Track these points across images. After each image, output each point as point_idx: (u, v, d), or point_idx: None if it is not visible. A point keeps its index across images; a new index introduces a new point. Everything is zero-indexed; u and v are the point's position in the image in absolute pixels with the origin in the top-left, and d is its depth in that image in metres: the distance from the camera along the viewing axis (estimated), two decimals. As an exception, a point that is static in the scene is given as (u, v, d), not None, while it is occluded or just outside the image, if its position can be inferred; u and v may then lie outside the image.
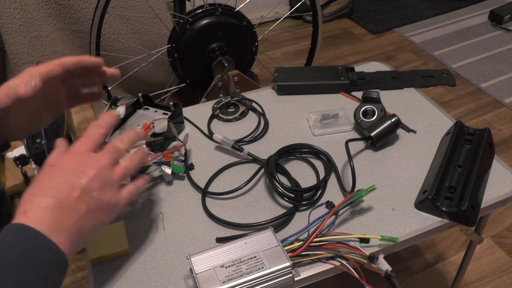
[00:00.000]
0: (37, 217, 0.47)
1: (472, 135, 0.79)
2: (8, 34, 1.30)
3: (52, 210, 0.48)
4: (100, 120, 0.57)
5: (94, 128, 0.57)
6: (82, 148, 0.54)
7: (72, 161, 0.53)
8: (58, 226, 0.48)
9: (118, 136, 0.58)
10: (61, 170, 0.52)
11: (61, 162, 0.53)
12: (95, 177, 0.52)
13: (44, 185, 0.50)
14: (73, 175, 0.51)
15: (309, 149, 0.80)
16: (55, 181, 0.51)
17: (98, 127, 0.57)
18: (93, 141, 0.55)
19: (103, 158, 0.54)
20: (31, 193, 0.50)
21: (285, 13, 1.69)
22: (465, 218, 0.67)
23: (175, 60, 1.29)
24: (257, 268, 0.58)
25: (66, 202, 0.49)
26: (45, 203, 0.48)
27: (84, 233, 0.51)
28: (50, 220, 0.47)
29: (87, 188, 0.51)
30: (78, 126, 1.17)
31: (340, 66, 0.97)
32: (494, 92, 1.80)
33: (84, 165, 0.53)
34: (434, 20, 2.27)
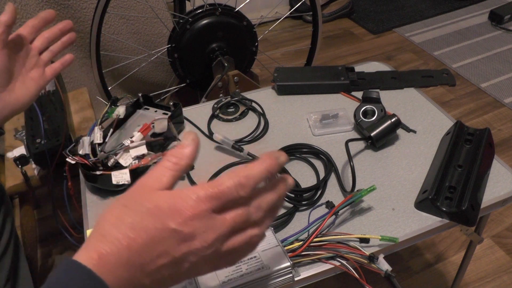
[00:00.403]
0: (111, 269, 0.38)
1: (472, 135, 0.79)
2: (8, 34, 1.30)
3: (129, 269, 0.39)
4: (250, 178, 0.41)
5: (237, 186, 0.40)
6: (204, 207, 0.40)
7: (180, 221, 0.39)
8: (127, 284, 0.40)
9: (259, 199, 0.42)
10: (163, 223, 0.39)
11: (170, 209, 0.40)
12: (197, 251, 0.40)
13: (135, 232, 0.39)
14: (172, 239, 0.39)
15: (309, 149, 0.80)
16: (149, 234, 0.39)
17: (242, 188, 0.40)
18: (222, 204, 0.40)
19: (223, 227, 0.40)
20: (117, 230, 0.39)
21: (285, 13, 1.69)
22: (465, 218, 0.67)
23: (175, 60, 1.29)
24: (257, 268, 0.57)
25: (149, 266, 0.39)
26: (126, 258, 0.39)
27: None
28: (123, 277, 0.39)
29: (180, 260, 0.40)
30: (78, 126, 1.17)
31: (340, 66, 0.97)
32: (494, 92, 1.80)
33: (193, 232, 0.39)
34: (434, 20, 2.27)
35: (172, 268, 0.40)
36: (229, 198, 0.40)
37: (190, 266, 0.41)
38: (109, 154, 0.73)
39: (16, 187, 1.00)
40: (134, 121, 0.85)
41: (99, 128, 0.76)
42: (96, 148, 0.74)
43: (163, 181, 0.42)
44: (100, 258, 0.39)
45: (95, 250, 0.39)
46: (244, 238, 0.42)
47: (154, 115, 0.85)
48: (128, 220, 0.40)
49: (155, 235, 0.39)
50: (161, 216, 0.39)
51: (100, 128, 0.76)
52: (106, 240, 0.39)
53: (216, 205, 0.40)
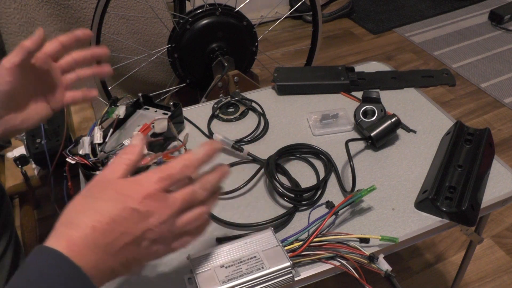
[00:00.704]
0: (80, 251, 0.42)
1: (472, 135, 0.79)
2: (8, 34, 1.30)
3: (97, 249, 0.43)
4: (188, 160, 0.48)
5: (181, 168, 0.48)
6: (156, 186, 0.46)
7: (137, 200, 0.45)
8: (97, 266, 0.43)
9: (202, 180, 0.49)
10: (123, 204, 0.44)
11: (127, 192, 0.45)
12: (155, 228, 0.45)
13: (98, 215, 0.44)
14: (132, 218, 0.44)
15: (309, 149, 0.80)
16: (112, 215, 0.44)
17: (187, 168, 0.48)
18: (172, 183, 0.47)
19: (173, 206, 0.46)
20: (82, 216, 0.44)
21: (285, 13, 1.69)
22: (465, 218, 0.67)
23: (175, 60, 1.29)
24: (257, 268, 0.58)
25: (114, 245, 0.44)
26: (92, 238, 0.43)
27: (115, 277, 0.46)
28: (93, 258, 0.43)
29: (140, 238, 0.45)
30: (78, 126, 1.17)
31: (340, 66, 0.97)
32: (494, 92, 1.80)
33: (149, 210, 0.45)
34: (434, 20, 2.27)
35: (134, 247, 0.45)
36: (177, 177, 0.47)
37: (149, 245, 0.46)
38: (109, 154, 0.73)
39: (16, 187, 1.00)
40: (134, 121, 0.85)
41: (99, 128, 0.76)
42: (96, 148, 0.74)
43: (119, 172, 0.47)
44: (68, 242, 0.42)
45: (63, 236, 0.43)
46: (194, 215, 0.49)
47: (154, 115, 0.85)
48: (92, 205, 0.45)
49: (117, 215, 0.44)
50: (121, 198, 0.45)
51: (100, 128, 0.76)
52: (73, 226, 0.43)
53: (166, 184, 0.46)
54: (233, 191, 0.73)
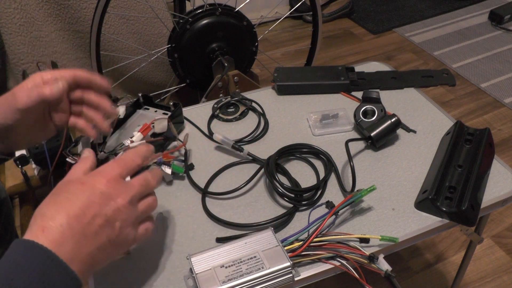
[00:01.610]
0: (57, 240, 0.44)
1: (472, 135, 0.79)
2: (8, 34, 1.30)
3: (73, 235, 0.45)
4: (139, 150, 0.56)
5: (131, 156, 0.55)
6: (115, 172, 0.51)
7: (102, 184, 0.49)
8: (75, 254, 0.45)
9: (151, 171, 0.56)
10: (90, 190, 0.48)
11: (91, 181, 0.50)
12: (123, 208, 0.49)
13: (69, 203, 0.47)
14: (101, 200, 0.48)
15: (309, 149, 0.80)
16: (82, 201, 0.47)
17: (136, 157, 0.55)
18: (127, 170, 0.53)
19: (133, 189, 0.52)
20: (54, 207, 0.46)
21: (285, 13, 1.69)
22: (465, 218, 0.67)
23: (175, 60, 1.29)
24: (257, 268, 0.58)
25: (89, 229, 0.46)
26: (67, 225, 0.45)
27: (96, 265, 0.48)
28: (70, 245, 0.44)
29: (112, 218, 0.48)
30: (78, 126, 1.17)
31: (340, 66, 0.97)
32: (494, 92, 1.80)
33: (114, 192, 0.50)
34: (434, 20, 2.27)
35: (108, 228, 0.48)
36: (130, 164, 0.53)
37: (120, 226, 0.49)
38: (109, 154, 0.73)
39: (16, 187, 1.00)
40: (134, 121, 0.85)
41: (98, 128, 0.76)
42: (96, 148, 0.74)
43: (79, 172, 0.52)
44: (44, 232, 0.44)
45: (38, 227, 0.44)
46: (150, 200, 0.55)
47: (154, 115, 0.85)
48: (61, 197, 0.48)
49: (87, 199, 0.47)
50: (86, 186, 0.49)
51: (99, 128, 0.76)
52: (46, 217, 0.45)
53: (123, 170, 0.52)
54: (233, 191, 0.73)
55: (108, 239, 0.48)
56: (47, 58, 1.39)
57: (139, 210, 0.53)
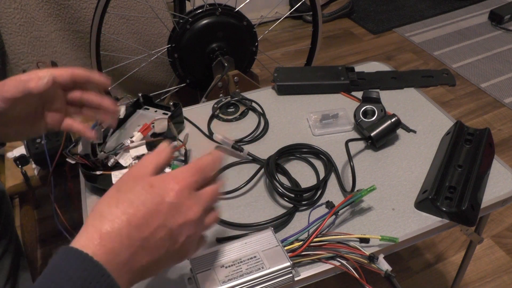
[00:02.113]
0: (114, 249, 0.40)
1: (472, 135, 0.79)
2: (8, 34, 1.30)
3: (131, 245, 0.41)
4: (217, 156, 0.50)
5: (209, 162, 0.49)
6: (191, 180, 0.46)
7: (174, 192, 0.44)
8: (129, 265, 0.41)
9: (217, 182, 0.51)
10: (159, 198, 0.44)
11: (162, 185, 0.44)
12: (191, 223, 0.45)
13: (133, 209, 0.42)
14: (168, 211, 0.43)
15: (309, 149, 0.80)
16: (147, 208, 0.43)
17: (214, 164, 0.49)
18: (204, 179, 0.48)
19: (205, 203, 0.47)
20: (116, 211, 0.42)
21: (285, 13, 1.69)
22: (465, 218, 0.67)
23: (175, 60, 1.29)
24: (257, 268, 0.57)
25: (149, 241, 0.42)
26: (126, 234, 0.41)
27: (147, 276, 0.44)
28: (126, 256, 0.41)
29: (176, 232, 0.44)
30: (78, 126, 1.17)
31: (340, 66, 0.97)
32: (494, 92, 1.80)
33: (185, 203, 0.45)
34: (434, 20, 2.27)
35: (169, 242, 0.44)
36: (208, 173, 0.48)
37: (184, 241, 0.45)
38: (109, 154, 0.73)
39: (16, 187, 1.00)
40: (134, 121, 0.85)
41: (99, 128, 0.76)
42: (96, 148, 0.74)
43: (149, 168, 0.46)
44: (102, 238, 0.40)
45: (96, 231, 0.40)
46: (216, 215, 0.50)
47: (154, 115, 0.85)
48: (125, 198, 0.43)
49: (153, 208, 0.43)
50: (156, 192, 0.44)
51: (100, 128, 0.76)
52: (105, 219, 0.41)
53: (199, 178, 0.47)
54: (233, 191, 0.73)
55: (167, 251, 0.44)
56: (47, 58, 1.39)
57: (205, 225, 0.49)
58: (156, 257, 0.43)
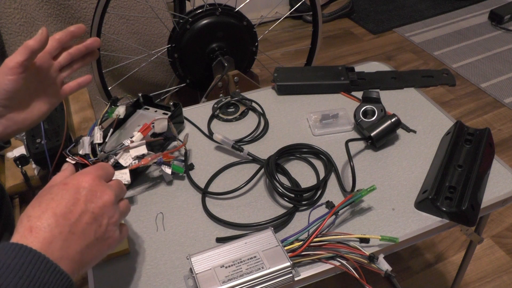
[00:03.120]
0: (45, 239, 0.44)
1: (472, 135, 0.79)
2: (8, 34, 1.30)
3: (61, 233, 0.45)
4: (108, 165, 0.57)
5: (107, 165, 0.56)
6: (98, 172, 0.52)
7: (86, 182, 0.50)
8: (65, 252, 0.45)
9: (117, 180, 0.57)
10: (74, 189, 0.49)
11: (74, 181, 0.50)
12: (108, 205, 0.50)
13: (55, 203, 0.47)
14: (87, 197, 0.49)
15: (309, 149, 0.80)
16: (67, 200, 0.47)
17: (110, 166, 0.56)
18: (106, 174, 0.54)
19: (114, 189, 0.53)
20: (39, 208, 0.46)
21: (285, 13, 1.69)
22: (465, 218, 0.67)
23: (175, 60, 1.29)
24: (257, 268, 0.58)
25: (76, 226, 0.46)
26: (55, 224, 0.45)
27: (85, 264, 0.48)
28: (59, 243, 0.44)
29: (98, 215, 0.49)
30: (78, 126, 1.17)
31: (340, 66, 0.97)
32: (494, 92, 1.80)
33: (98, 189, 0.50)
34: (434, 20, 2.27)
35: (95, 225, 0.48)
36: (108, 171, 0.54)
37: (108, 223, 0.50)
38: (109, 154, 0.73)
39: (16, 187, 1.00)
40: (134, 121, 0.85)
41: (99, 128, 0.76)
42: (96, 148, 0.74)
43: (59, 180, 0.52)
44: (32, 231, 0.44)
45: (25, 229, 0.45)
46: (126, 203, 0.55)
47: (154, 115, 0.85)
48: (45, 198, 0.47)
49: (72, 197, 0.48)
50: (71, 186, 0.49)
51: (100, 128, 0.76)
52: (32, 217, 0.46)
53: (103, 174, 0.53)
54: (233, 191, 0.73)
55: (95, 236, 0.48)
56: (47, 58, 1.39)
57: (120, 209, 0.53)
58: (88, 241, 0.47)
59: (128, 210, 0.56)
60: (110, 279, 0.62)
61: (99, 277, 0.62)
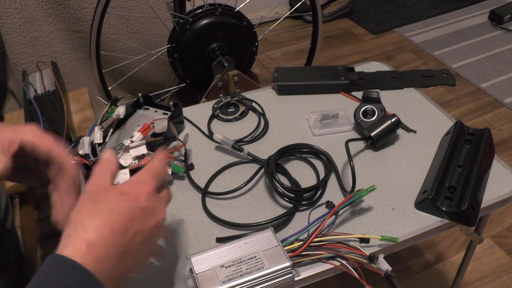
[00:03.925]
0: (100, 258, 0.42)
1: (472, 135, 0.79)
2: (8, 34, 1.30)
3: (116, 252, 0.43)
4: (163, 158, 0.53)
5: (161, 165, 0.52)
6: (152, 184, 0.49)
7: (143, 198, 0.47)
8: (115, 272, 0.43)
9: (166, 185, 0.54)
10: (132, 203, 0.46)
11: (134, 192, 0.47)
12: (160, 224, 0.49)
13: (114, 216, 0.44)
14: (143, 215, 0.46)
15: (309, 149, 0.80)
16: (126, 215, 0.45)
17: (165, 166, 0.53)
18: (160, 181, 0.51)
19: (165, 206, 0.51)
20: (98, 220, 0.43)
21: (285, 13, 1.69)
22: (465, 218, 0.67)
23: (175, 60, 1.29)
24: (257, 268, 0.58)
25: (131, 245, 0.45)
26: (112, 242, 0.43)
27: (125, 283, 0.46)
28: (112, 264, 0.43)
29: (151, 234, 0.47)
30: (78, 126, 1.17)
31: (340, 66, 0.97)
32: (494, 92, 1.80)
33: (154, 206, 0.48)
34: (434, 20, 2.27)
35: (147, 245, 0.47)
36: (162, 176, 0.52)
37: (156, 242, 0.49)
38: (109, 154, 0.73)
39: (16, 187, 1.00)
40: (134, 121, 0.85)
41: (99, 128, 0.76)
42: (96, 148, 0.74)
43: (108, 179, 0.49)
44: (88, 247, 0.41)
45: (81, 241, 0.42)
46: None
47: (154, 115, 0.85)
48: (104, 207, 0.45)
49: (131, 213, 0.45)
50: (130, 198, 0.46)
51: (100, 128, 0.76)
52: (89, 229, 0.43)
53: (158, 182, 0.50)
54: (233, 191, 0.73)
55: (144, 255, 0.47)
56: (47, 58, 1.39)
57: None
58: (137, 261, 0.46)
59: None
60: (110, 279, 0.62)
61: (99, 277, 0.62)
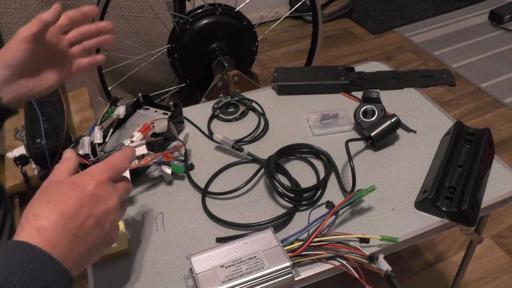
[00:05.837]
0: (51, 241, 0.44)
1: (472, 135, 0.79)
2: (8, 34, 1.30)
3: (66, 236, 0.46)
4: (127, 153, 0.56)
5: (120, 158, 0.55)
6: (105, 175, 0.52)
7: (92, 186, 0.50)
8: (69, 254, 0.46)
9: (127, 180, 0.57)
10: (81, 191, 0.49)
11: (81, 182, 0.50)
12: (112, 210, 0.51)
13: (63, 204, 0.47)
14: (92, 202, 0.49)
15: (309, 149, 0.80)
16: (75, 202, 0.48)
17: (124, 160, 0.55)
18: (116, 173, 0.54)
19: (119, 192, 0.53)
20: (47, 208, 0.47)
21: (285, 13, 1.69)
22: (465, 218, 0.67)
23: (175, 60, 1.29)
24: (257, 268, 0.58)
25: (81, 230, 0.47)
26: (61, 226, 0.46)
27: (84, 264, 0.49)
28: (64, 245, 0.45)
29: (102, 219, 0.50)
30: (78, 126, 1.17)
31: (340, 66, 0.97)
32: (494, 92, 1.80)
33: (104, 194, 0.51)
34: (434, 20, 2.27)
35: (98, 229, 0.49)
36: (119, 168, 0.54)
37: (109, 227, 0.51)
38: (109, 154, 0.73)
39: (16, 187, 1.00)
40: (134, 121, 0.85)
41: (99, 128, 0.76)
42: (96, 148, 0.74)
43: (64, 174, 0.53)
44: (39, 232, 0.44)
45: (32, 228, 0.45)
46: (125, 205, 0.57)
47: (154, 115, 0.85)
48: (53, 197, 0.48)
49: (80, 200, 0.48)
50: (79, 187, 0.49)
51: (100, 128, 0.76)
52: (40, 217, 0.46)
53: (111, 174, 0.53)
54: (233, 191, 0.73)
55: (97, 240, 0.49)
56: (47, 58, 1.39)
57: (121, 213, 0.54)
58: (90, 244, 0.48)
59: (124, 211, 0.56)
60: (110, 279, 0.62)
61: (99, 277, 0.62)
